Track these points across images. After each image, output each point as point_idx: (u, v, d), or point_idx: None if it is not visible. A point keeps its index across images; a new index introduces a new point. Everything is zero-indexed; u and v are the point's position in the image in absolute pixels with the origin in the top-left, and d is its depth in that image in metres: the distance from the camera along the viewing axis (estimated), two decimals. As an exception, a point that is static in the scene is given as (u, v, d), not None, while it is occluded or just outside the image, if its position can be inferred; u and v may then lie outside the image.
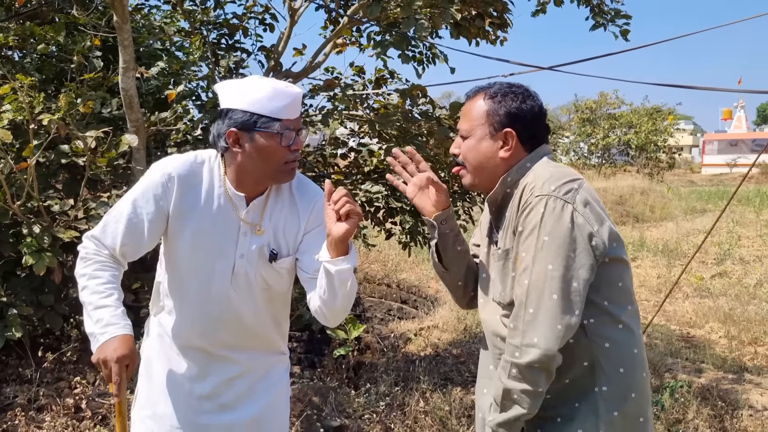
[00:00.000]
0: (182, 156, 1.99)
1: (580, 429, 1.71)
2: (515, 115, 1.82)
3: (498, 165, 1.84)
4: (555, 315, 1.63)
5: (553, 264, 1.65)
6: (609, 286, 1.72)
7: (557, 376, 1.70)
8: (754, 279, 8.95)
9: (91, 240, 1.94)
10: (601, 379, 1.71)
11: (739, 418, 4.19)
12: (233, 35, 5.06)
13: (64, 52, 4.32)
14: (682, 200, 19.25)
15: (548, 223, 1.67)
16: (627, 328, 1.74)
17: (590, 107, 27.72)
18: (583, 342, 1.71)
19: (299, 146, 1.90)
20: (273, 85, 1.87)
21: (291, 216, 1.98)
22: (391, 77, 4.97)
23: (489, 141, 1.84)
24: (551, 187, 1.70)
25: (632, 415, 1.73)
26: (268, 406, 2.07)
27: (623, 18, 5.23)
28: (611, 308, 1.72)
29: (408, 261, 10.21)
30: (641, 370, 1.76)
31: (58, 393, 3.42)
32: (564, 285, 1.64)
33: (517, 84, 1.89)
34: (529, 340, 1.64)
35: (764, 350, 6.13)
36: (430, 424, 3.92)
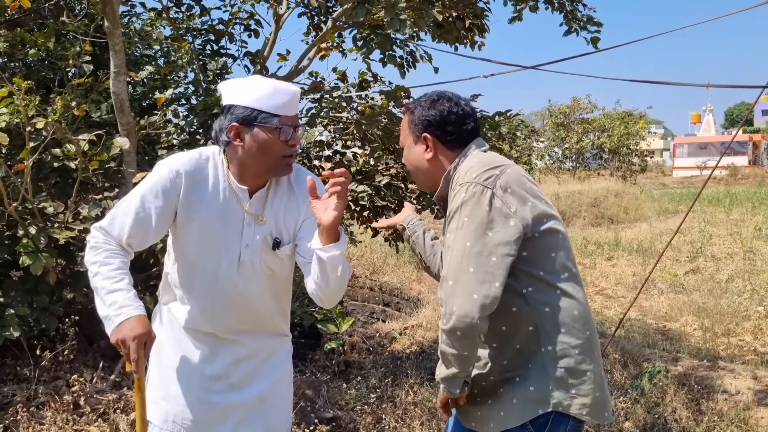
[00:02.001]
0: (188, 153, 2.09)
1: (532, 386, 1.92)
2: (425, 121, 2.06)
3: (428, 166, 2.08)
4: (471, 287, 1.82)
5: (470, 241, 1.85)
6: (543, 257, 1.92)
7: (509, 342, 1.95)
8: (725, 275, 9.23)
9: (99, 230, 2.03)
10: (545, 340, 1.92)
11: (715, 401, 4.37)
12: (219, 41, 5.16)
13: (54, 58, 4.38)
14: (654, 202, 19.65)
15: (468, 206, 1.88)
16: (564, 293, 1.93)
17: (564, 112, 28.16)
18: (525, 309, 1.92)
19: (296, 142, 2.01)
20: (273, 84, 2.00)
21: (290, 205, 2.10)
22: (375, 80, 5.10)
23: (415, 147, 2.10)
24: (473, 175, 1.91)
25: (576, 368, 1.92)
26: (273, 386, 2.18)
27: (595, 25, 5.43)
28: (547, 277, 1.92)
29: (390, 264, 10.33)
30: (584, 330, 1.95)
31: (56, 391, 3.48)
32: (481, 259, 1.83)
33: (433, 92, 2.14)
34: (450, 309, 1.83)
35: (737, 341, 6.36)
36: (419, 415, 4.03)
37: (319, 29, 5.39)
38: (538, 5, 5.41)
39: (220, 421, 2.11)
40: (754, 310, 7.20)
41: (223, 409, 2.11)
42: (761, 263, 9.87)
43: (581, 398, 1.92)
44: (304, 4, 5.22)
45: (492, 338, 1.98)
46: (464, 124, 2.08)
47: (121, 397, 3.49)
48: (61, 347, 3.70)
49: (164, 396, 2.14)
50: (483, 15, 5.08)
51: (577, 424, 1.95)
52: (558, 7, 5.42)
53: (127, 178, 4.10)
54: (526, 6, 5.37)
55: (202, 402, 2.11)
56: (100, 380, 3.63)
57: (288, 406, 2.28)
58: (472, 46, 5.33)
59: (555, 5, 5.28)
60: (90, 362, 3.89)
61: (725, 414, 4.16)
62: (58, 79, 4.50)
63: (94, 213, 3.94)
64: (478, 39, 5.38)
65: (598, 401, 1.95)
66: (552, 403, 1.90)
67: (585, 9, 5.42)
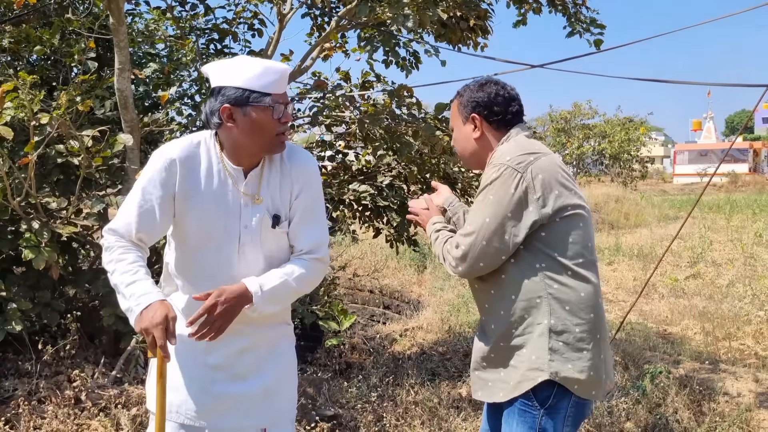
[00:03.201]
0: (179, 140, 2.11)
1: (534, 355, 2.07)
2: (474, 102, 2.22)
3: (476, 146, 2.25)
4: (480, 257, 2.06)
5: (489, 218, 2.04)
6: (560, 241, 2.07)
7: (516, 309, 2.09)
8: (726, 280, 9.22)
9: (109, 232, 2.05)
10: (549, 312, 2.06)
11: (716, 402, 4.37)
12: (223, 40, 5.18)
13: (59, 54, 4.39)
14: (655, 208, 19.64)
15: (496, 185, 2.05)
16: (576, 275, 2.07)
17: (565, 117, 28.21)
18: (536, 281, 2.07)
19: (288, 119, 2.03)
20: (262, 63, 2.02)
21: (284, 181, 2.11)
22: (378, 80, 5.11)
23: (463, 129, 2.27)
24: (506, 158, 2.07)
25: (575, 344, 2.06)
26: (277, 377, 2.17)
27: (598, 27, 5.45)
28: (561, 258, 2.07)
29: (391, 267, 10.34)
30: (589, 312, 2.08)
31: (58, 385, 3.48)
32: (493, 235, 2.04)
33: (482, 77, 2.32)
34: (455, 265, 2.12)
35: (738, 344, 6.35)
36: (420, 414, 4.03)
37: (323, 29, 5.41)
38: (541, 8, 5.43)
39: (224, 411, 2.10)
40: (755, 315, 7.19)
41: (227, 400, 2.11)
42: (762, 269, 9.86)
43: (576, 373, 2.05)
44: (308, 4, 5.23)
45: (501, 305, 2.12)
46: (510, 106, 2.22)
47: (122, 393, 3.48)
48: (63, 342, 3.70)
49: (168, 386, 2.13)
50: (486, 16, 5.09)
51: (579, 402, 2.09)
52: (561, 9, 5.43)
53: (130, 174, 4.10)
54: (530, 8, 5.38)
55: (206, 392, 2.10)
56: (101, 375, 3.63)
57: (293, 397, 2.27)
58: (474, 47, 5.34)
59: (558, 7, 5.29)
60: (91, 358, 3.88)
61: (727, 415, 4.16)
62: (62, 77, 4.51)
63: (97, 209, 3.95)
64: (481, 40, 5.40)
65: (592, 381, 2.08)
66: (549, 372, 2.04)
67: (588, 11, 5.44)
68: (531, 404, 2.07)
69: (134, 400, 3.43)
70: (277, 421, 2.17)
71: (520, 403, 2.09)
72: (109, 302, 4.05)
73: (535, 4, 5.48)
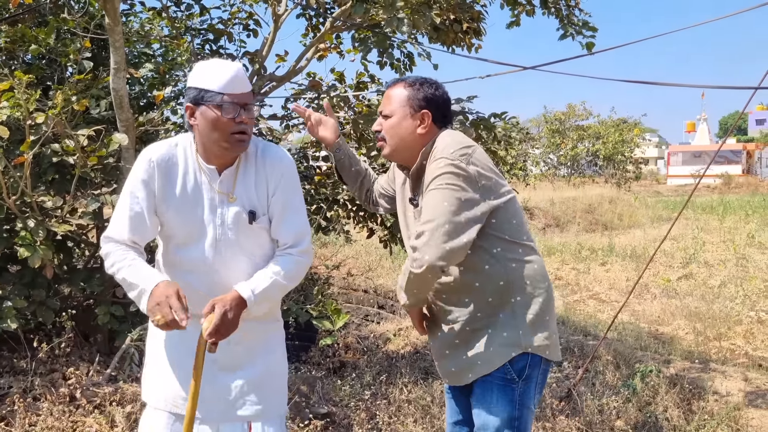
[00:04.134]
0: (161, 141, 2.20)
1: (505, 332, 2.23)
2: (430, 100, 2.33)
3: (416, 139, 2.33)
4: (446, 238, 2.11)
5: (447, 201, 2.14)
6: (507, 222, 2.25)
7: (481, 296, 2.24)
8: (718, 280, 9.29)
9: (105, 240, 2.13)
10: (514, 291, 2.24)
11: (706, 401, 4.42)
12: (218, 40, 5.20)
13: (54, 54, 4.41)
14: (648, 209, 19.76)
15: (446, 175, 2.16)
16: (527, 249, 2.28)
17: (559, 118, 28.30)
18: (496, 266, 2.23)
19: (244, 120, 2.06)
20: (216, 63, 2.09)
21: (259, 178, 2.17)
22: (372, 81, 5.14)
23: (409, 120, 2.33)
24: (450, 151, 2.20)
25: (540, 314, 2.26)
26: (266, 369, 2.23)
27: (590, 30, 5.49)
28: (512, 238, 2.26)
29: (385, 266, 10.37)
30: (543, 281, 2.29)
31: (53, 383, 3.49)
32: (454, 218, 2.12)
33: (425, 78, 2.40)
34: (422, 256, 2.12)
35: (728, 344, 6.41)
36: (413, 412, 4.06)
37: (317, 30, 5.44)
38: (534, 10, 5.47)
39: (212, 401, 2.15)
40: (746, 315, 7.26)
41: (214, 390, 2.16)
42: (753, 270, 9.94)
43: (545, 340, 2.26)
44: (303, 5, 5.26)
45: (465, 294, 2.27)
46: (452, 112, 2.44)
47: (117, 390, 3.50)
48: (58, 341, 3.71)
49: (159, 377, 2.20)
50: (480, 18, 5.13)
51: (547, 365, 2.31)
52: (554, 11, 5.47)
53: (125, 174, 4.12)
54: (523, 10, 5.42)
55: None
56: (96, 374, 3.65)
57: (282, 392, 2.32)
58: (468, 49, 5.37)
59: (551, 10, 5.33)
60: (86, 356, 3.90)
61: (716, 414, 4.21)
62: (57, 76, 4.53)
63: (92, 208, 3.97)
64: (475, 42, 5.43)
65: (555, 343, 2.31)
66: (523, 345, 2.22)
67: (581, 14, 5.48)
68: (509, 377, 2.23)
69: (129, 398, 3.45)
70: (265, 415, 2.21)
71: (498, 378, 2.24)
72: (103, 301, 4.09)
73: (529, 6, 5.52)
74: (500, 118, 5.00)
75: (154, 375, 2.22)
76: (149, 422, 2.20)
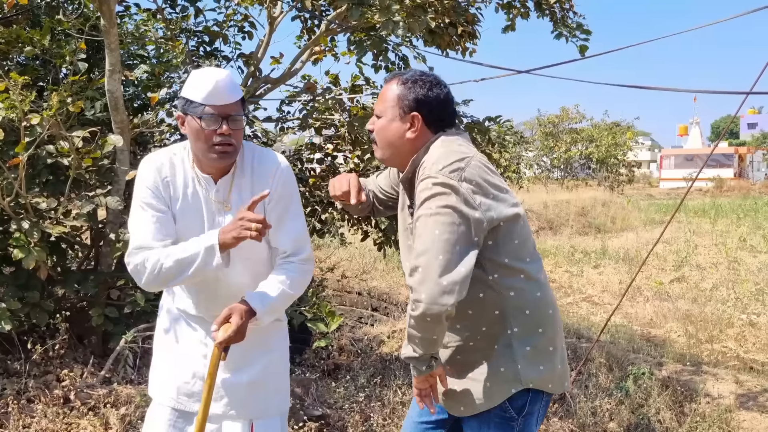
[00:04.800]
0: (161, 150, 2.22)
1: (502, 367, 2.00)
2: (422, 101, 2.05)
3: (405, 144, 2.07)
4: (441, 272, 1.86)
5: (439, 229, 1.88)
6: (507, 244, 1.98)
7: (475, 325, 2.01)
8: (710, 283, 9.34)
9: (137, 251, 2.07)
10: (510, 322, 2.00)
11: (697, 403, 4.45)
12: (213, 42, 5.20)
13: (48, 55, 4.40)
14: (641, 212, 19.83)
15: (437, 197, 1.90)
16: (528, 276, 2.01)
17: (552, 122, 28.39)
18: (491, 294, 1.99)
19: (225, 131, 2.02)
20: (202, 74, 2.06)
21: (255, 187, 2.16)
22: (367, 84, 5.15)
23: (398, 122, 2.07)
24: (439, 167, 1.93)
25: (542, 347, 2.02)
26: (267, 368, 2.25)
27: (584, 33, 5.52)
28: (511, 263, 1.99)
29: (379, 269, 10.38)
30: (546, 309, 2.04)
31: (47, 385, 3.49)
32: (448, 246, 1.87)
33: (428, 72, 2.13)
34: (418, 296, 1.87)
35: (720, 347, 6.45)
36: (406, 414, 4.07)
37: (313, 33, 5.44)
38: (529, 12, 5.49)
39: (217, 399, 2.17)
40: (737, 318, 7.30)
41: (219, 389, 2.18)
42: (745, 273, 9.99)
43: (548, 374, 2.02)
44: (298, 7, 5.27)
45: (458, 321, 2.01)
46: (452, 112, 2.11)
47: (111, 392, 3.50)
48: (52, 342, 3.71)
49: (164, 373, 2.24)
50: (475, 22, 5.15)
51: (548, 397, 2.08)
52: (548, 14, 5.50)
53: (120, 176, 4.13)
54: (518, 13, 5.44)
55: (198, 379, 2.19)
56: (90, 375, 3.65)
57: (284, 389, 2.34)
58: (463, 53, 5.39)
59: (545, 12, 5.36)
60: (80, 358, 3.90)
61: (708, 416, 4.24)
62: (51, 78, 4.52)
63: (86, 210, 3.96)
64: (470, 45, 5.46)
65: (561, 374, 2.07)
66: (523, 381, 1.99)
67: (575, 17, 5.51)
68: (508, 415, 2.02)
69: (123, 400, 3.45)
70: (265, 414, 2.24)
71: (496, 415, 2.02)
72: (97, 302, 4.08)
73: (523, 9, 5.55)
74: (494, 121, 5.02)
75: (159, 370, 2.26)
76: (152, 416, 2.24)
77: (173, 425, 2.19)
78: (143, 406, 3.42)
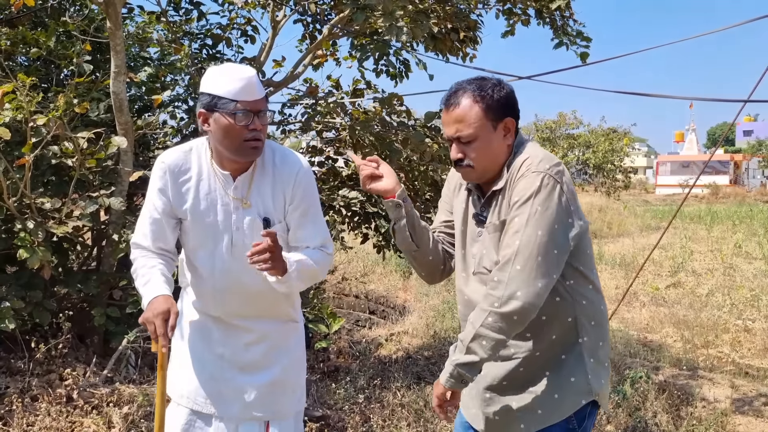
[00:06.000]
0: (176, 147, 2.23)
1: (572, 378, 1.96)
2: (506, 104, 1.99)
3: (505, 153, 2.00)
4: (538, 274, 1.83)
5: (542, 230, 1.85)
6: (583, 253, 1.98)
7: (546, 332, 1.96)
8: (705, 289, 9.40)
9: (133, 246, 2.22)
10: (581, 331, 1.97)
11: (694, 407, 4.49)
12: (216, 46, 5.25)
13: (53, 56, 4.44)
14: (637, 218, 19.90)
15: (542, 195, 1.86)
16: (595, 287, 2.02)
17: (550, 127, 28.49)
18: (567, 300, 1.96)
19: (257, 126, 2.06)
20: (229, 70, 2.07)
21: (276, 186, 2.18)
22: (368, 88, 5.20)
23: (495, 136, 1.97)
24: (546, 166, 1.90)
25: (602, 360, 2.01)
26: (283, 371, 2.27)
27: (584, 40, 5.57)
28: (585, 271, 1.99)
29: (377, 272, 10.41)
30: (606, 323, 2.05)
31: (50, 384, 3.51)
32: (548, 249, 1.84)
33: (484, 77, 2.04)
34: (512, 293, 1.82)
35: (716, 352, 6.50)
36: (406, 416, 4.10)
37: (315, 37, 5.49)
38: (529, 19, 5.55)
39: (231, 400, 2.21)
40: (733, 323, 7.36)
41: (233, 389, 2.22)
42: (741, 279, 10.05)
43: (606, 388, 2.02)
44: (301, 11, 5.32)
45: (528, 329, 1.92)
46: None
47: (114, 392, 3.53)
48: (55, 342, 3.73)
49: (181, 373, 2.25)
50: (476, 27, 5.21)
51: (596, 411, 2.03)
52: (549, 21, 5.55)
53: (123, 177, 4.16)
54: (518, 20, 5.50)
55: (215, 380, 2.21)
56: (93, 375, 3.67)
57: (299, 391, 2.36)
58: (464, 58, 5.45)
59: (546, 19, 5.42)
60: (82, 357, 3.92)
61: (704, 419, 4.27)
62: (55, 79, 4.55)
63: (89, 210, 3.99)
64: (470, 51, 5.51)
65: (608, 388, 2.06)
66: (594, 392, 1.96)
67: (575, 24, 5.56)
68: (571, 427, 1.97)
69: (126, 399, 3.48)
70: (280, 415, 2.27)
71: (561, 428, 1.96)
72: (99, 302, 4.11)
73: (524, 16, 5.60)
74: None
75: (176, 371, 2.27)
76: (171, 417, 2.25)
77: (191, 427, 2.21)
78: (146, 406, 3.45)
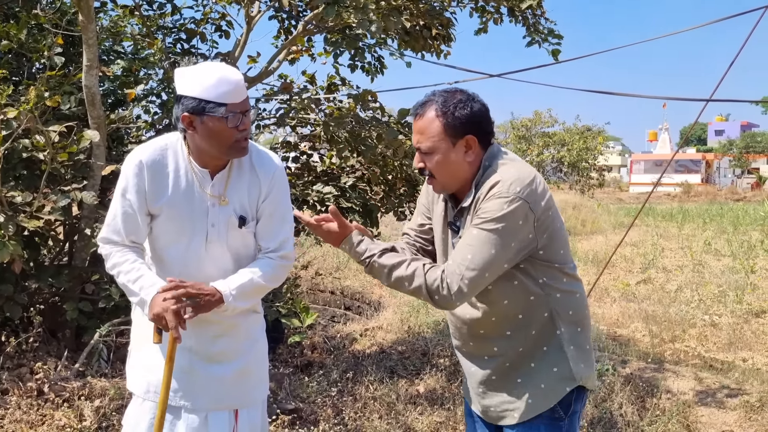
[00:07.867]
0: (150, 143, 2.23)
1: (555, 368, 2.06)
2: (469, 122, 2.01)
3: (466, 170, 2.04)
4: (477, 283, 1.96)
5: (495, 249, 1.94)
6: (555, 252, 2.05)
7: (525, 329, 2.06)
8: (674, 285, 9.59)
9: (103, 241, 2.21)
10: (559, 322, 2.07)
11: (658, 398, 4.60)
12: (190, 40, 5.24)
13: (26, 49, 4.40)
14: (611, 215, 20.17)
15: (507, 219, 1.93)
16: (570, 278, 2.10)
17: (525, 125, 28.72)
18: (542, 297, 2.05)
19: (246, 126, 2.11)
20: (217, 73, 2.07)
21: (252, 185, 2.22)
22: (342, 83, 5.23)
23: (454, 152, 2.01)
24: (517, 189, 1.94)
25: (582, 345, 2.11)
26: (250, 360, 2.31)
27: (556, 38, 5.67)
28: (559, 266, 2.07)
29: (352, 268, 10.44)
30: (583, 309, 2.14)
31: (20, 377, 3.50)
32: (494, 264, 1.95)
33: (458, 90, 2.08)
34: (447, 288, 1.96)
35: (683, 346, 6.65)
36: (378, 409, 4.16)
37: (290, 33, 5.51)
38: (502, 18, 5.62)
39: (201, 391, 2.23)
40: (699, 319, 7.53)
41: (202, 381, 2.24)
42: (709, 275, 10.26)
43: (590, 371, 2.12)
44: (275, 7, 5.33)
45: (506, 327, 2.07)
46: (491, 121, 2.09)
47: (86, 385, 3.53)
48: (26, 336, 3.72)
49: (145, 367, 2.25)
50: (449, 25, 5.26)
51: (585, 393, 2.15)
52: (521, 19, 5.63)
53: (96, 170, 4.15)
54: (491, 18, 5.57)
55: (185, 372, 2.21)
56: (64, 368, 3.67)
57: (264, 377, 2.41)
58: (438, 55, 5.50)
59: (518, 18, 5.49)
60: (54, 351, 3.91)
61: (668, 410, 4.39)
62: (26, 72, 4.51)
63: (61, 204, 3.97)
64: (444, 48, 5.57)
65: (595, 371, 2.16)
66: (577, 378, 2.06)
67: (547, 22, 5.65)
68: (557, 416, 2.06)
69: (97, 392, 3.48)
70: (249, 403, 2.31)
71: (546, 418, 2.06)
72: (71, 297, 4.10)
73: (497, 14, 5.68)
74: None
75: (138, 365, 2.27)
76: (135, 413, 2.26)
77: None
78: (117, 399, 3.45)
